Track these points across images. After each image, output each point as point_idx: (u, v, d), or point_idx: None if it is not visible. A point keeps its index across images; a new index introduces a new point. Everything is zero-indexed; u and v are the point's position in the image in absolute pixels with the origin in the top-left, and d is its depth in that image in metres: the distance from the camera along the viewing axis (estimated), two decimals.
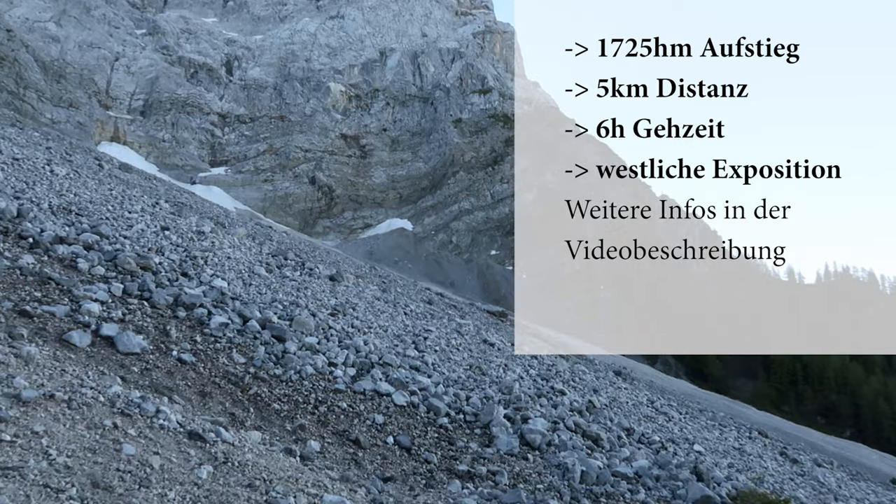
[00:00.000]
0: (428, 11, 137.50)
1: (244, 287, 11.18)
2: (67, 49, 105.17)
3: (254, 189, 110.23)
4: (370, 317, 12.34)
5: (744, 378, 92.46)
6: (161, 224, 12.39)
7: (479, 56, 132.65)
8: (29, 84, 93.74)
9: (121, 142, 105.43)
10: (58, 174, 13.72)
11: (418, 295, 21.32)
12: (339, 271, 14.57)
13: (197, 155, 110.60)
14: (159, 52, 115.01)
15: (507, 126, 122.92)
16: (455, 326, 14.56)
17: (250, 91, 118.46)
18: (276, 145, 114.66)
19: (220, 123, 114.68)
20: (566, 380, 13.25)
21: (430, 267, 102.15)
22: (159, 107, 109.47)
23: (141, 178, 22.59)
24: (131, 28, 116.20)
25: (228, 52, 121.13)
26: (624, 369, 26.17)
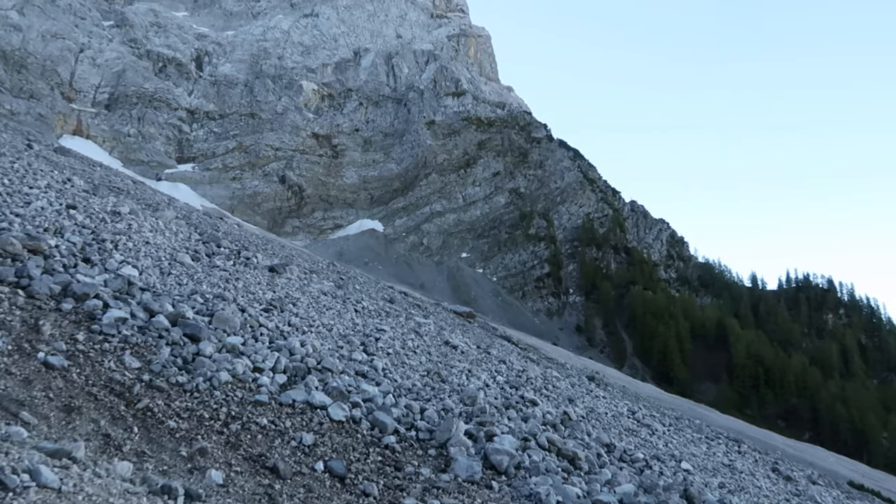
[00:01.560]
0: (403, 13, 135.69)
1: (161, 277, 9.29)
2: (30, 39, 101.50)
3: (222, 187, 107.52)
4: (312, 314, 10.53)
5: (708, 382, 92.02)
6: (68, 202, 10.40)
7: (454, 59, 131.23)
8: None
9: (84, 135, 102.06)
10: None
11: (379, 293, 19.50)
12: (281, 262, 12.70)
13: (163, 151, 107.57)
14: (127, 45, 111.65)
15: (479, 129, 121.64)
16: (413, 326, 12.80)
17: (220, 87, 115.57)
18: (245, 143, 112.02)
19: (188, 119, 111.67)
20: (538, 388, 11.60)
21: (400, 268, 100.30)
22: (125, 101, 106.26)
23: (75, 161, 20.45)
24: (98, 19, 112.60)
25: (199, 47, 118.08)
26: (597, 374, 24.59)
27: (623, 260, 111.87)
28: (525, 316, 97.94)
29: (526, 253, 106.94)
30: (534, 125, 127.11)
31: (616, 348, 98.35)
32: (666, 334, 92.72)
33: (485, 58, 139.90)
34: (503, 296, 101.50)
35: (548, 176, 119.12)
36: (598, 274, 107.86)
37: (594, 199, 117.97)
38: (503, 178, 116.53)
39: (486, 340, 18.83)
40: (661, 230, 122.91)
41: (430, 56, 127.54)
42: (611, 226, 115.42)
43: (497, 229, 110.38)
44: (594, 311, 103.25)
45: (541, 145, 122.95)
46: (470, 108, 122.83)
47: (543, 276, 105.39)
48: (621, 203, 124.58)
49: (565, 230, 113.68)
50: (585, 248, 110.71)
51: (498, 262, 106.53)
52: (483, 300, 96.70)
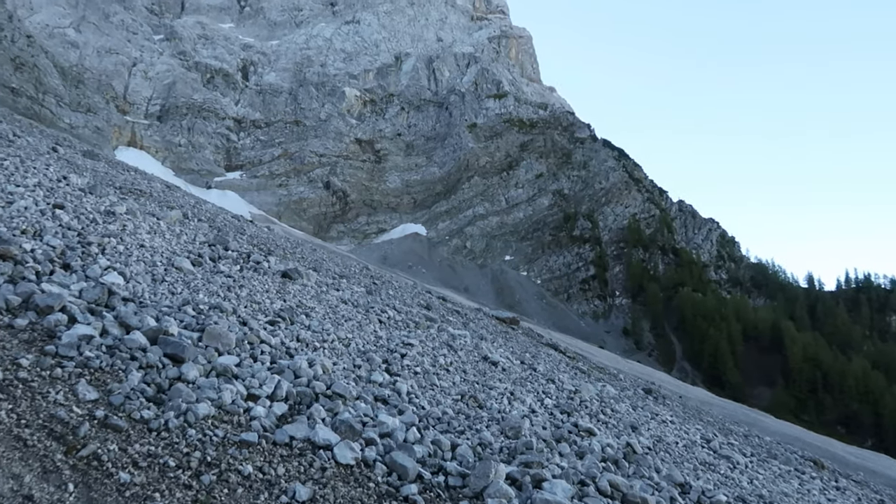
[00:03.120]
0: (443, 16, 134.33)
1: (151, 285, 7.83)
2: (86, 54, 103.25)
3: (268, 193, 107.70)
4: (327, 326, 8.95)
5: (762, 386, 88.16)
6: (56, 201, 9.00)
7: (495, 61, 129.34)
8: (48, 89, 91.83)
9: (138, 146, 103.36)
10: None
11: (415, 299, 17.86)
12: (296, 267, 11.16)
13: (212, 160, 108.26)
14: (176, 58, 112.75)
15: (522, 131, 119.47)
16: (447, 339, 11.13)
17: (266, 96, 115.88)
18: (290, 150, 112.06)
19: (235, 128, 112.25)
20: (594, 412, 9.81)
21: (444, 272, 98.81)
22: (176, 112, 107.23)
23: (101, 165, 19.31)
24: (149, 34, 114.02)
25: (244, 58, 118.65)
26: (653, 385, 22.53)
27: (671, 261, 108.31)
28: (570, 319, 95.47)
29: (570, 255, 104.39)
30: (577, 125, 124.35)
31: (665, 351, 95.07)
32: (717, 337, 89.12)
33: (526, 59, 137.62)
34: (548, 298, 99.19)
35: (592, 176, 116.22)
36: (645, 275, 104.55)
37: (640, 199, 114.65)
38: (546, 179, 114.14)
39: (531, 350, 17.04)
40: (711, 230, 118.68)
41: (471, 59, 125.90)
42: (658, 226, 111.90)
43: (541, 231, 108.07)
44: (641, 313, 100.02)
45: (584, 145, 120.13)
46: (512, 109, 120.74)
47: (589, 278, 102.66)
48: (668, 203, 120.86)
49: (611, 231, 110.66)
50: (632, 250, 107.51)
51: (542, 265, 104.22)
52: (527, 303, 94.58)
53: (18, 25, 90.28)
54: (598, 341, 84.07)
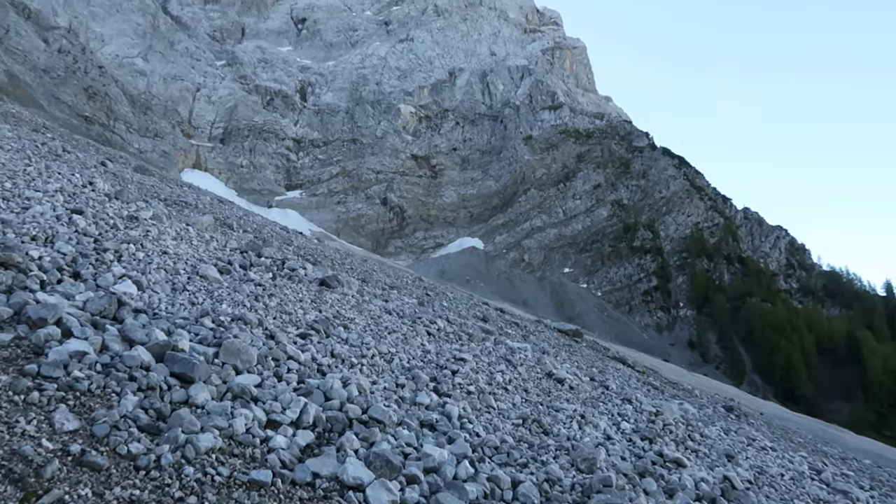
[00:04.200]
0: (496, 30, 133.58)
1: (171, 294, 6.86)
2: (153, 82, 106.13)
3: (327, 211, 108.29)
4: (368, 339, 7.79)
5: (839, 400, 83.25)
6: (74, 207, 8.12)
7: (549, 72, 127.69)
8: (119, 116, 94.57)
9: (202, 169, 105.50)
10: None
11: (471, 310, 16.61)
12: (335, 275, 10.08)
13: (273, 179, 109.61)
14: (237, 82, 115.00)
15: (578, 142, 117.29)
16: (505, 353, 9.84)
17: (323, 115, 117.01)
18: (348, 168, 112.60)
19: (294, 148, 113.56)
20: (680, 438, 8.37)
21: (502, 286, 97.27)
22: (237, 134, 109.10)
23: (150, 180, 18.76)
24: (211, 60, 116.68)
25: (302, 79, 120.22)
26: (733, 402, 20.65)
27: (737, 270, 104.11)
28: (633, 331, 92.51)
29: (631, 266, 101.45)
30: (635, 134, 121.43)
31: (733, 364, 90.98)
32: (789, 349, 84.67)
33: (581, 69, 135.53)
34: (609, 311, 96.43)
35: (652, 186, 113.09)
36: (710, 286, 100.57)
37: (703, 208, 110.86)
38: (604, 189, 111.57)
39: (597, 365, 15.57)
40: (779, 238, 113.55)
41: (525, 71, 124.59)
42: (722, 235, 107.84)
43: (600, 243, 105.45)
44: (707, 325, 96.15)
45: (643, 154, 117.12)
46: (567, 120, 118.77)
47: (651, 289, 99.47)
48: (733, 211, 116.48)
49: (673, 241, 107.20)
50: (695, 260, 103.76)
51: (602, 277, 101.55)
52: (588, 316, 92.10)
53: (91, 57, 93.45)
54: (663, 354, 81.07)
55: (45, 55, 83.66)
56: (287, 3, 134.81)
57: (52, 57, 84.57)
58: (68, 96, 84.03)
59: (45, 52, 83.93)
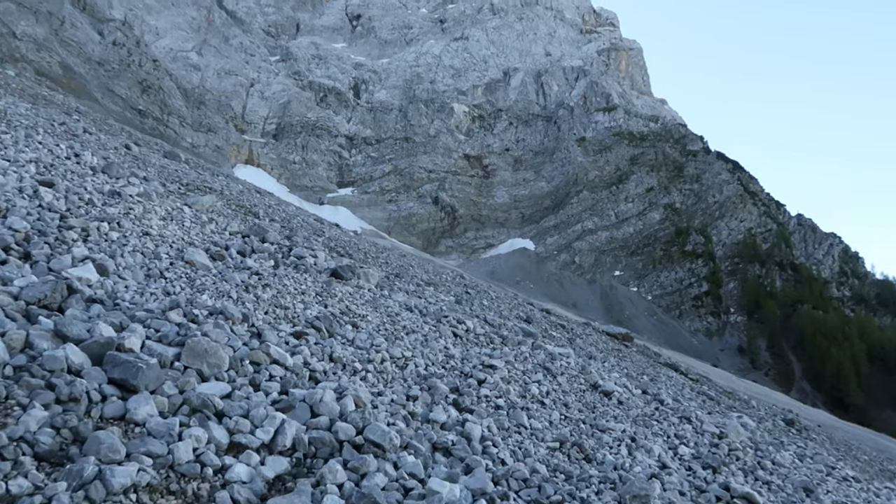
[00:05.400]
0: (552, 30, 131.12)
1: (144, 282, 5.47)
2: (207, 77, 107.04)
3: (379, 209, 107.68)
4: (378, 340, 6.45)
5: (890, 410, 79.03)
6: (44, 179, 6.90)
7: (604, 73, 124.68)
8: (172, 110, 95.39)
9: (255, 164, 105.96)
10: None
11: (513, 311, 15.08)
12: (351, 264, 8.70)
13: (325, 176, 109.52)
14: (291, 78, 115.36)
15: (632, 144, 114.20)
16: (544, 359, 8.29)
17: (376, 113, 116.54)
18: (400, 166, 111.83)
19: (347, 145, 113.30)
20: (749, 466, 6.80)
21: (552, 287, 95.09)
22: (290, 130, 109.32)
23: (177, 165, 17.73)
24: (266, 55, 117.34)
25: (356, 76, 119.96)
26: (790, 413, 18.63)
27: (789, 277, 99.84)
28: (682, 336, 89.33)
29: (682, 270, 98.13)
30: (689, 138, 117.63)
31: (782, 371, 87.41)
32: (840, 357, 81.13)
33: (636, 71, 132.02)
34: (659, 315, 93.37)
35: (705, 190, 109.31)
36: (761, 292, 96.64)
37: (756, 213, 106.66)
38: (657, 193, 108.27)
39: (648, 372, 13.89)
40: (833, 245, 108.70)
41: (580, 72, 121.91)
42: (775, 241, 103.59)
43: (651, 246, 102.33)
44: (758, 331, 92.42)
45: (697, 158, 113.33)
46: (621, 122, 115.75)
47: (702, 294, 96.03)
48: (786, 217, 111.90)
49: (725, 246, 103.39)
50: (747, 265, 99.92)
51: (653, 280, 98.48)
52: (637, 319, 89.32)
53: (145, 50, 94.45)
54: (712, 359, 78.09)
55: (99, 47, 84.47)
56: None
57: (106, 49, 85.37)
58: (122, 89, 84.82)
59: (99, 45, 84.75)
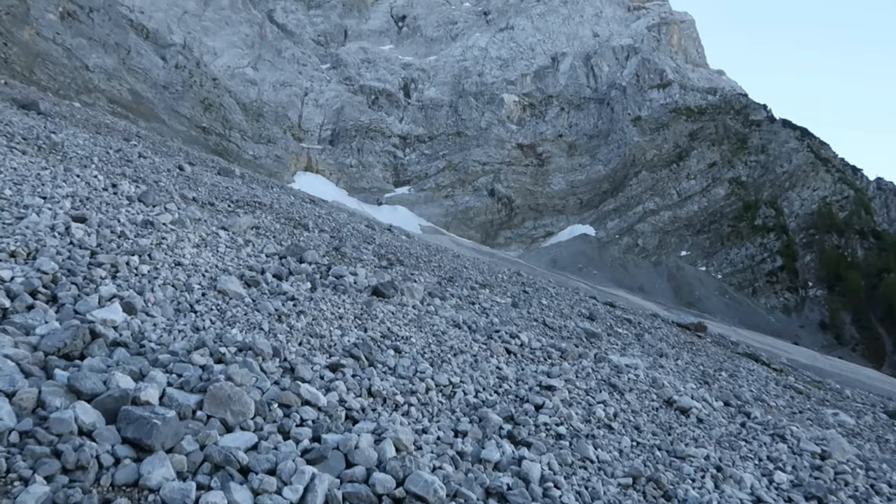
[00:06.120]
0: (598, 11, 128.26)
1: (173, 317, 5.11)
2: (263, 90, 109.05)
3: (436, 205, 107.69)
4: (423, 366, 5.95)
5: None
6: (76, 214, 6.66)
7: (656, 50, 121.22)
8: (233, 125, 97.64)
9: (313, 171, 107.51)
10: None
11: (574, 308, 14.36)
12: (392, 280, 8.21)
13: (381, 177, 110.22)
14: (343, 84, 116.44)
15: (690, 119, 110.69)
16: (608, 374, 7.61)
17: (427, 111, 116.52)
18: (454, 161, 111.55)
19: (401, 145, 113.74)
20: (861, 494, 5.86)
21: (616, 272, 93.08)
22: (345, 134, 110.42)
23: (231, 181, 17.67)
24: (317, 64, 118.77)
25: (405, 76, 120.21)
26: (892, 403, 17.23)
27: (872, 245, 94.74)
28: (758, 314, 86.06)
29: (753, 246, 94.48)
30: (751, 108, 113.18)
31: (871, 346, 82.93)
32: None
33: (689, 44, 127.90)
34: (731, 294, 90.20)
35: (772, 160, 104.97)
36: (842, 263, 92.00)
37: (830, 181, 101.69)
38: (721, 167, 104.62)
39: (726, 366, 12.96)
40: None
41: (631, 50, 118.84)
42: (853, 208, 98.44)
43: (718, 223, 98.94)
44: (840, 304, 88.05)
45: (761, 128, 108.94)
46: (678, 98, 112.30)
47: (776, 269, 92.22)
48: (864, 182, 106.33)
49: (798, 217, 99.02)
50: (824, 236, 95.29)
51: (722, 258, 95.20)
52: (708, 300, 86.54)
53: (205, 70, 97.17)
54: (792, 337, 74.92)
55: (163, 72, 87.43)
56: (386, 2, 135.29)
57: (170, 73, 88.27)
58: (186, 109, 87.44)
59: (163, 69, 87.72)
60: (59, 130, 15.96)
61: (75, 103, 45.72)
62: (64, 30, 75.82)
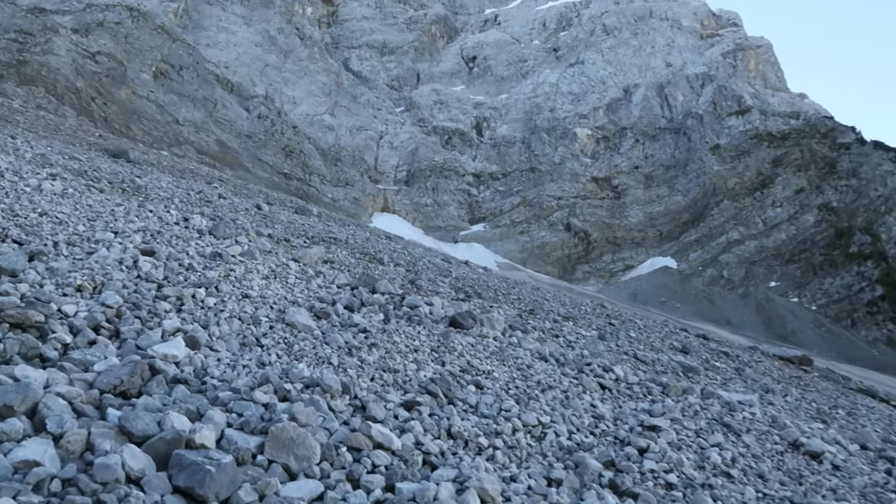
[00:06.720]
0: (670, 40, 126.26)
1: (238, 352, 4.68)
2: (341, 135, 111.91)
3: (512, 241, 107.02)
4: (507, 403, 5.38)
5: None
6: (145, 248, 6.44)
7: (732, 76, 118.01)
8: (313, 170, 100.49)
9: (390, 211, 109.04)
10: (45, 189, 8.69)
11: (665, 341, 13.39)
12: (471, 311, 7.60)
13: (457, 215, 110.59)
14: (416, 125, 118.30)
15: (773, 145, 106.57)
16: (719, 412, 6.69)
17: (500, 148, 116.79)
18: (528, 197, 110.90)
19: (474, 183, 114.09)
20: None
21: (700, 305, 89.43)
22: (420, 175, 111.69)
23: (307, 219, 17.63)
24: (391, 108, 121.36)
25: (477, 115, 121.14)
26: None
27: None
28: (859, 347, 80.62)
29: (850, 275, 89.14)
30: (838, 130, 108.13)
31: None
32: None
33: (768, 68, 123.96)
34: (827, 326, 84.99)
35: (865, 184, 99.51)
36: None
37: None
38: (808, 193, 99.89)
39: (841, 403, 11.69)
40: None
41: (706, 78, 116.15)
42: None
43: (809, 252, 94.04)
44: None
45: (851, 151, 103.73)
46: (758, 124, 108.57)
47: (876, 299, 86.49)
48: None
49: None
50: None
51: (815, 289, 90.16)
52: (803, 333, 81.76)
53: (285, 119, 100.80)
54: None
55: (247, 122, 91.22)
56: (457, 44, 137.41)
57: (253, 123, 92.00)
58: (269, 157, 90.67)
59: (247, 120, 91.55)
60: (144, 175, 16.31)
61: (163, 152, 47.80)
62: (157, 87, 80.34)
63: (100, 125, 59.01)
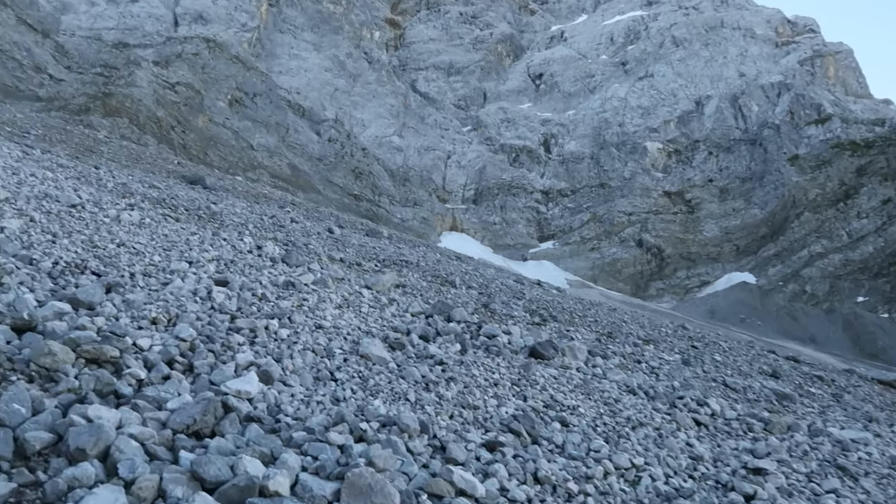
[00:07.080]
0: (743, 50, 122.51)
1: (312, 386, 4.50)
2: (409, 156, 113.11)
3: (582, 259, 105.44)
4: (598, 443, 4.87)
5: None
6: (219, 278, 6.38)
7: (810, 84, 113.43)
8: (382, 191, 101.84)
9: (458, 230, 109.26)
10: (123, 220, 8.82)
11: (753, 364, 12.60)
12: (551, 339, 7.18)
13: (525, 233, 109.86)
14: (484, 144, 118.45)
15: (856, 154, 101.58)
16: (832, 451, 6.04)
17: (569, 164, 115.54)
18: (598, 213, 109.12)
19: (543, 200, 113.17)
20: None
21: (782, 322, 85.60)
22: (488, 193, 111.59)
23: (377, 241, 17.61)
24: (458, 127, 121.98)
25: (544, 132, 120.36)
26: None
27: None
28: None
29: None
30: None
31: None
32: None
33: (848, 74, 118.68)
34: None
35: None
36: None
37: None
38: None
39: None
40: None
41: (782, 87, 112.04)
42: None
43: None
44: None
45: None
46: (839, 132, 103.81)
47: None
48: None
49: None
50: None
51: None
52: (893, 350, 77.12)
53: (355, 141, 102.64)
54: None
55: (318, 146, 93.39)
56: (523, 62, 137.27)
57: (323, 146, 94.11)
58: (339, 179, 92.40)
59: (317, 143, 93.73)
60: (219, 201, 16.62)
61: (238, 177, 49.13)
62: (232, 115, 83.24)
63: (179, 152, 61.37)
